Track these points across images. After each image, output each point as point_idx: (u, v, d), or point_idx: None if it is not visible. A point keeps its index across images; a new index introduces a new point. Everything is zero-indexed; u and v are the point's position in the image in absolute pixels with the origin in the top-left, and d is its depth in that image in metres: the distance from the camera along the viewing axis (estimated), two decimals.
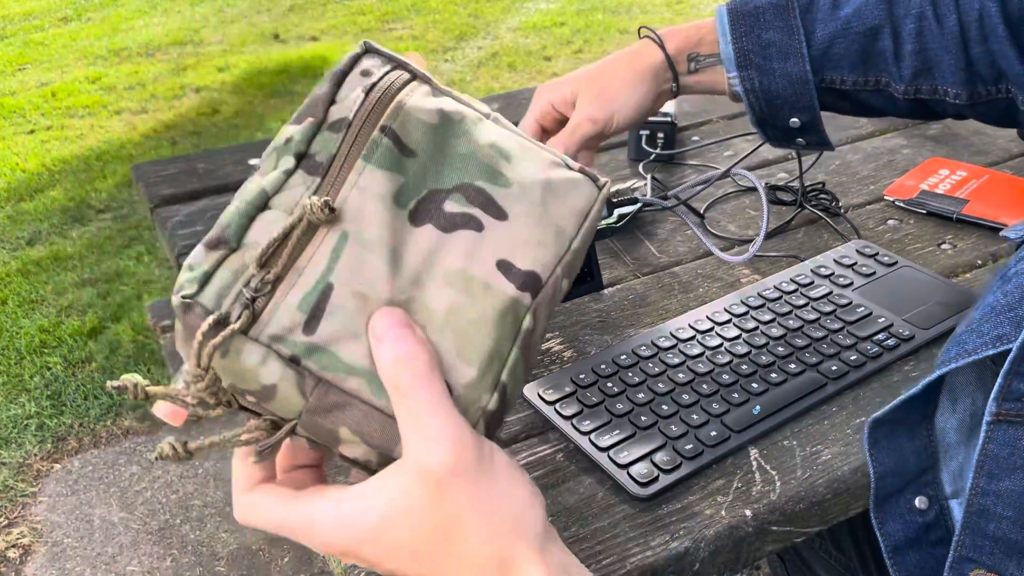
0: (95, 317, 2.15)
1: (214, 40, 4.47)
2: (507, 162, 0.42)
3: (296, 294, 0.37)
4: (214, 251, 0.38)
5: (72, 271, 2.38)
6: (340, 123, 0.40)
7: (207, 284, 0.37)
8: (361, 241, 0.38)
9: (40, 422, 1.83)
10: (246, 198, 0.39)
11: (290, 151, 0.39)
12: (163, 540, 1.56)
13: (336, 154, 0.39)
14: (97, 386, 1.93)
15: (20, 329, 2.13)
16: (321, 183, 0.39)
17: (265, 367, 0.37)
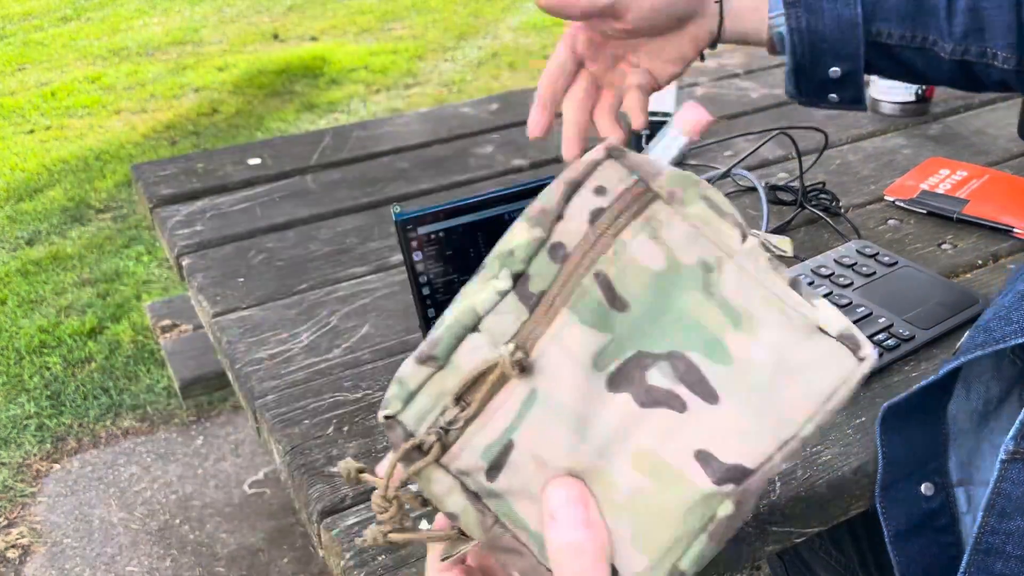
0: (95, 317, 2.15)
1: (214, 40, 4.47)
2: (735, 329, 0.36)
3: (482, 440, 0.35)
4: (422, 366, 0.36)
5: (72, 271, 2.38)
6: (559, 251, 0.36)
7: (410, 403, 0.36)
8: (549, 404, 0.35)
9: (40, 422, 1.83)
10: (459, 317, 0.36)
11: (510, 266, 0.36)
12: (163, 540, 1.56)
13: (547, 291, 0.36)
14: (97, 386, 1.93)
15: (20, 329, 2.13)
16: (528, 320, 0.36)
17: (450, 497, 0.36)
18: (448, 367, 0.36)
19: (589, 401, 0.35)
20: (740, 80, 1.30)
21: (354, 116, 3.39)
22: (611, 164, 0.37)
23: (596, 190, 0.36)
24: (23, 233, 2.59)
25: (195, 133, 3.26)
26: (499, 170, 1.04)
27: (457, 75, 3.80)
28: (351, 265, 0.85)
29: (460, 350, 0.36)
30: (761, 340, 0.36)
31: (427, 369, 0.36)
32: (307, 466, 0.60)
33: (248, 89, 3.69)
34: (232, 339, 0.74)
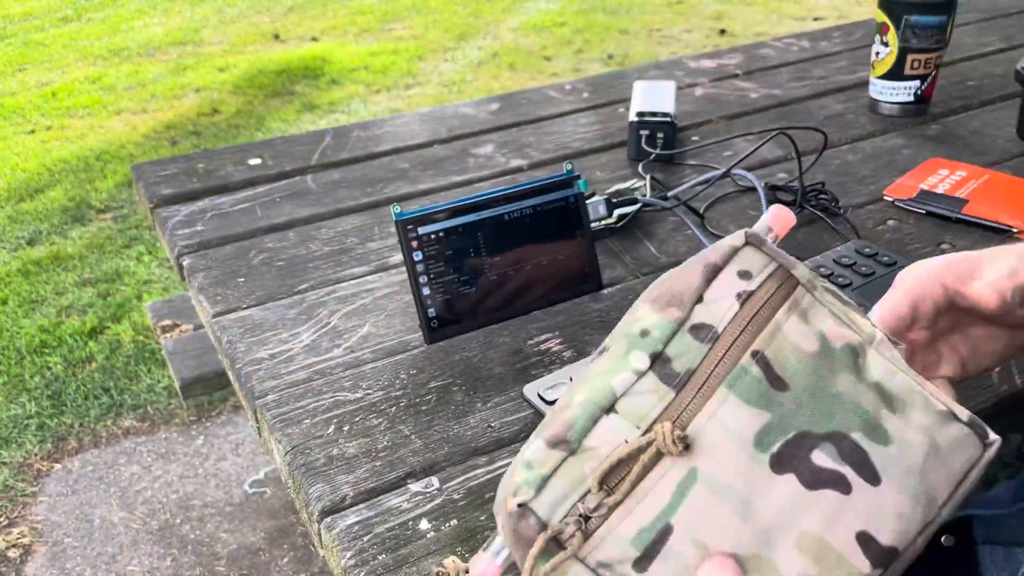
0: (95, 317, 2.15)
1: (214, 40, 4.47)
2: (890, 412, 0.36)
3: (631, 526, 0.34)
4: (554, 450, 0.35)
5: (72, 271, 2.38)
6: (706, 332, 0.36)
7: (543, 489, 0.34)
8: (711, 484, 0.34)
9: (40, 422, 1.84)
10: (593, 397, 0.35)
11: (645, 348, 0.36)
12: (163, 540, 1.56)
13: (696, 370, 0.35)
14: (97, 386, 1.93)
15: (20, 329, 2.13)
16: (674, 399, 0.35)
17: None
18: (581, 451, 0.34)
19: (752, 482, 0.34)
20: (740, 80, 1.30)
21: (354, 116, 3.39)
22: (751, 250, 0.38)
23: (740, 274, 0.37)
24: (24, 233, 2.59)
25: (196, 133, 3.26)
26: (499, 170, 1.04)
27: (457, 75, 3.80)
28: (351, 265, 0.85)
29: (594, 432, 0.35)
30: (912, 423, 0.36)
31: (559, 453, 0.34)
32: (307, 466, 0.60)
33: (249, 89, 3.69)
34: (232, 339, 0.74)
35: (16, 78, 3.98)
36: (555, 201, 0.75)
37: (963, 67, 1.32)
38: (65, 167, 3.02)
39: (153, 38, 4.51)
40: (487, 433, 0.62)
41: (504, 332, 0.73)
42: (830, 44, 1.45)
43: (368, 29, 4.56)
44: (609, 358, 0.36)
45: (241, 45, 4.36)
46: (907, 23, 1.07)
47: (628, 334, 0.37)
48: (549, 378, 0.65)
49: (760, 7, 4.63)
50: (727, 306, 0.37)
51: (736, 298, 0.37)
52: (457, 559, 0.37)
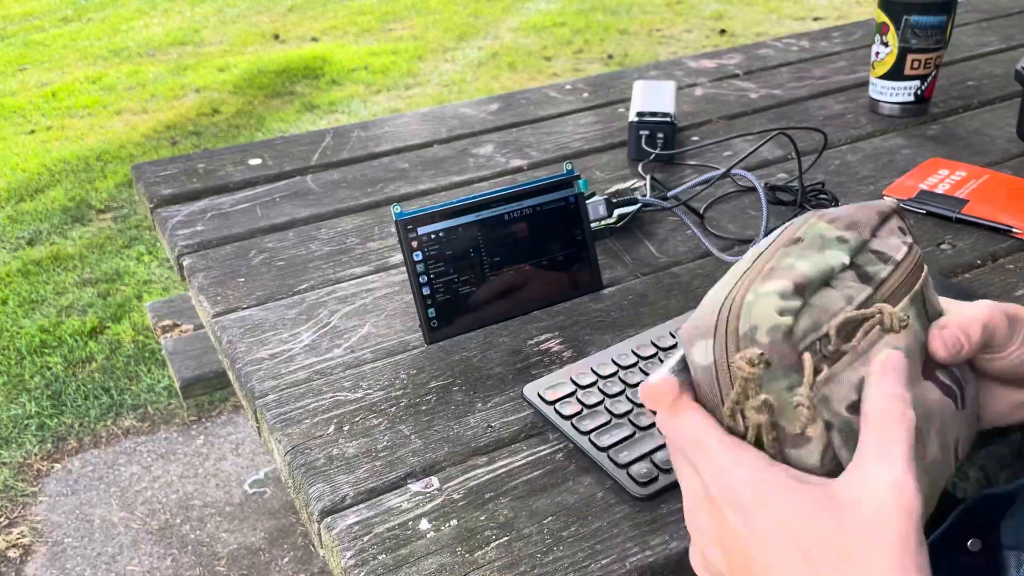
0: (95, 317, 2.15)
1: (214, 40, 4.47)
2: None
3: (854, 374, 0.40)
4: (798, 296, 0.39)
5: (72, 271, 2.38)
6: (886, 257, 0.43)
7: (797, 320, 0.39)
8: (906, 364, 0.41)
9: (40, 422, 1.84)
10: (821, 267, 0.41)
11: (844, 251, 0.42)
12: (163, 540, 1.56)
13: (886, 281, 0.42)
14: (97, 386, 1.93)
15: (20, 329, 2.13)
16: (872, 295, 0.41)
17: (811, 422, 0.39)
18: (812, 306, 0.39)
19: (914, 377, 0.42)
20: (740, 80, 1.30)
21: (354, 116, 3.39)
22: (899, 219, 0.46)
23: (900, 229, 0.45)
24: (24, 233, 2.59)
25: (196, 133, 3.26)
26: (499, 170, 1.04)
27: (457, 75, 3.80)
28: (351, 265, 0.85)
29: (821, 294, 0.40)
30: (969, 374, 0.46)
31: (799, 298, 0.39)
32: (307, 466, 0.60)
33: (249, 89, 3.69)
34: (232, 339, 0.74)
35: (16, 78, 3.98)
36: (555, 201, 0.75)
37: (963, 67, 1.32)
38: (65, 167, 3.02)
39: (153, 38, 4.51)
40: (487, 433, 0.62)
41: (504, 332, 0.73)
42: (830, 44, 1.45)
43: (368, 29, 4.56)
44: (808, 248, 0.41)
45: (241, 45, 4.36)
46: (907, 23, 1.07)
47: (823, 235, 0.42)
48: (549, 378, 0.65)
49: (760, 7, 4.63)
50: (897, 246, 0.43)
51: (904, 244, 0.44)
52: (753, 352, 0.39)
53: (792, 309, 0.39)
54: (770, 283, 0.39)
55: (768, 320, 0.38)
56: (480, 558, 0.52)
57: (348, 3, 5.04)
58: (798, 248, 0.42)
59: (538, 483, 0.58)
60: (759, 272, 0.40)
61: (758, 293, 0.39)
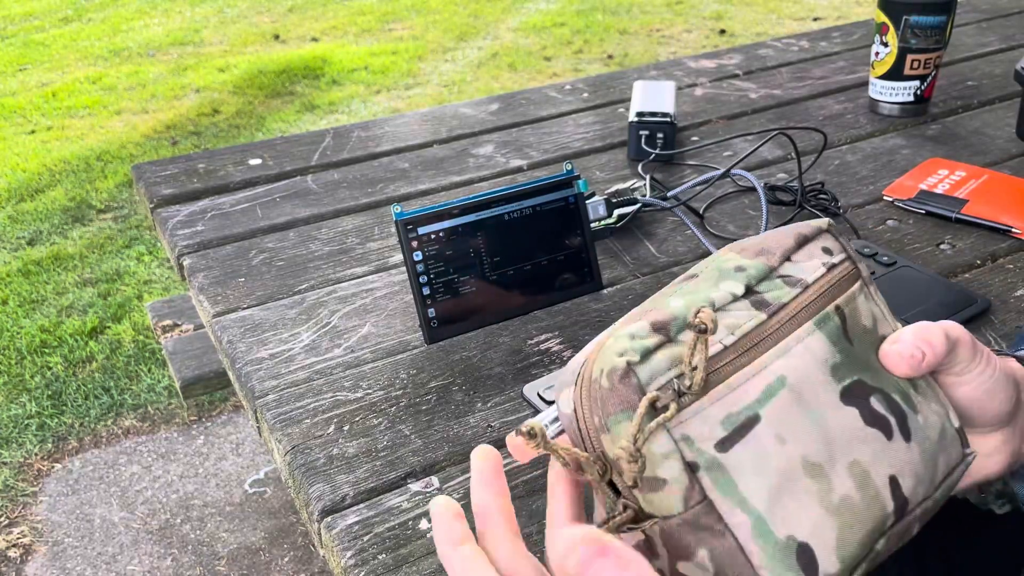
0: (95, 317, 2.15)
1: (214, 40, 4.47)
2: (915, 392, 0.43)
3: (721, 409, 0.38)
4: (656, 333, 0.38)
5: (72, 271, 2.38)
6: (795, 281, 0.42)
7: (646, 359, 0.37)
8: (796, 392, 0.39)
9: (40, 422, 1.84)
10: (696, 301, 0.40)
11: (739, 279, 0.41)
12: (163, 540, 1.56)
13: (787, 304, 0.41)
14: (98, 386, 1.93)
15: (20, 329, 2.13)
16: (766, 321, 0.40)
17: (665, 462, 0.37)
18: (677, 343, 0.38)
19: (826, 404, 0.39)
20: (739, 80, 1.30)
21: (355, 116, 3.39)
22: (829, 237, 0.44)
23: (824, 249, 0.43)
24: (24, 233, 2.60)
25: (196, 133, 3.26)
26: (499, 170, 1.04)
27: (457, 75, 3.80)
28: (351, 265, 0.85)
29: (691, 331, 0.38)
30: (931, 406, 0.43)
31: (660, 336, 0.38)
32: (307, 465, 0.60)
33: (249, 90, 3.70)
34: (233, 339, 0.74)
35: (16, 78, 3.98)
36: (555, 201, 0.75)
37: (963, 67, 1.32)
38: (65, 167, 3.02)
39: (153, 38, 4.52)
40: (487, 433, 0.62)
41: (504, 332, 0.73)
42: (830, 44, 1.45)
43: (368, 29, 4.56)
44: (701, 282, 0.41)
45: (241, 45, 4.36)
46: (907, 23, 1.07)
47: (720, 268, 0.41)
48: (549, 378, 0.65)
49: (760, 7, 4.63)
50: (814, 267, 0.42)
51: (823, 264, 0.42)
52: (534, 423, 0.39)
53: (639, 349, 0.37)
54: (631, 325, 0.38)
55: (608, 362, 0.37)
56: None
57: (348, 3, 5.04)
58: (689, 284, 0.41)
59: (538, 483, 0.58)
60: (632, 317, 0.40)
61: (616, 336, 0.38)
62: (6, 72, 4.07)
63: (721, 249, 0.44)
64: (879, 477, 0.39)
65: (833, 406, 0.39)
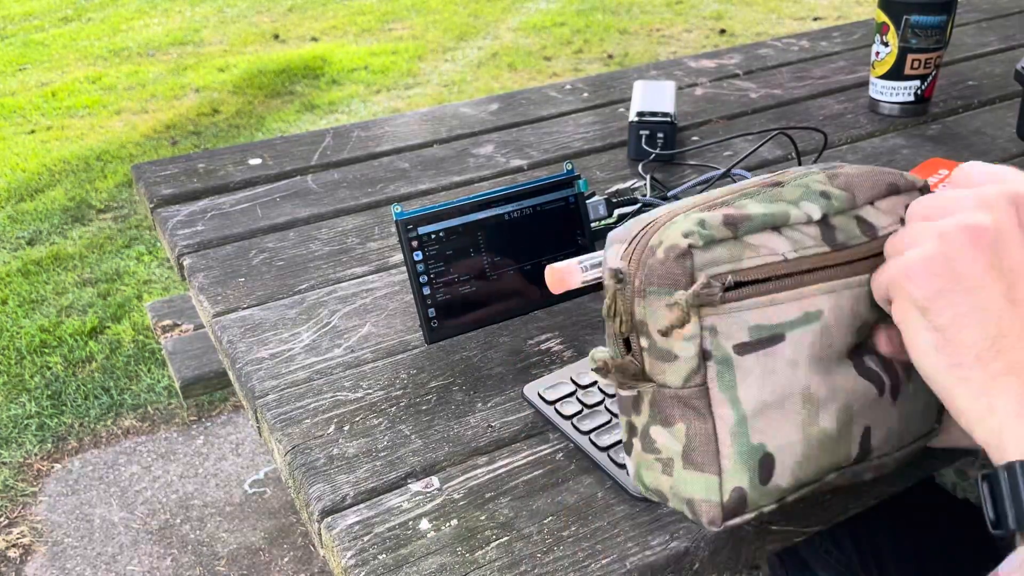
0: (95, 317, 2.15)
1: (215, 40, 4.47)
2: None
3: (756, 317, 0.40)
4: (725, 227, 0.40)
5: (72, 271, 2.38)
6: (868, 228, 0.43)
7: (709, 247, 0.39)
8: (826, 330, 0.41)
9: (40, 422, 1.84)
10: (772, 211, 0.41)
11: (820, 205, 0.42)
12: (163, 540, 1.56)
13: (851, 247, 0.42)
14: (97, 386, 1.93)
15: (20, 329, 2.13)
16: (828, 254, 0.41)
17: (685, 342, 0.39)
18: (744, 243, 0.40)
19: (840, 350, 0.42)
20: (740, 80, 1.30)
21: (354, 116, 3.39)
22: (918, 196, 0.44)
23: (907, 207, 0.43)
24: (24, 233, 2.59)
25: (196, 133, 3.26)
26: (499, 170, 1.04)
27: (457, 75, 3.80)
28: (351, 265, 0.85)
29: (761, 235, 0.40)
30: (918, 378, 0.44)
31: (728, 231, 0.40)
32: (307, 465, 0.60)
33: (249, 89, 3.69)
34: (233, 339, 0.74)
35: (16, 78, 3.98)
36: (555, 201, 0.75)
37: (963, 67, 1.32)
38: (65, 167, 3.02)
39: (153, 38, 4.51)
40: (487, 433, 0.62)
41: (504, 332, 0.73)
42: (830, 44, 1.45)
43: (368, 29, 4.56)
44: (785, 192, 0.42)
45: (241, 45, 4.36)
46: (907, 23, 1.07)
47: (807, 186, 0.42)
48: (549, 378, 0.65)
49: (760, 7, 4.63)
50: (890, 221, 0.43)
51: (899, 222, 0.43)
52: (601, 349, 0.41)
53: (705, 236, 0.39)
54: (706, 212, 0.40)
55: (671, 239, 0.39)
56: (480, 558, 0.52)
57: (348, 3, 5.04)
58: (771, 191, 0.42)
59: (538, 483, 0.58)
60: (709, 201, 0.41)
61: (687, 217, 0.40)
62: (6, 72, 4.07)
63: (816, 164, 0.44)
64: (860, 426, 0.43)
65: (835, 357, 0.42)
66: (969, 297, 0.37)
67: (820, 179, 0.43)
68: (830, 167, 0.44)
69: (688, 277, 0.39)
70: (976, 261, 0.37)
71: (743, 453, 0.41)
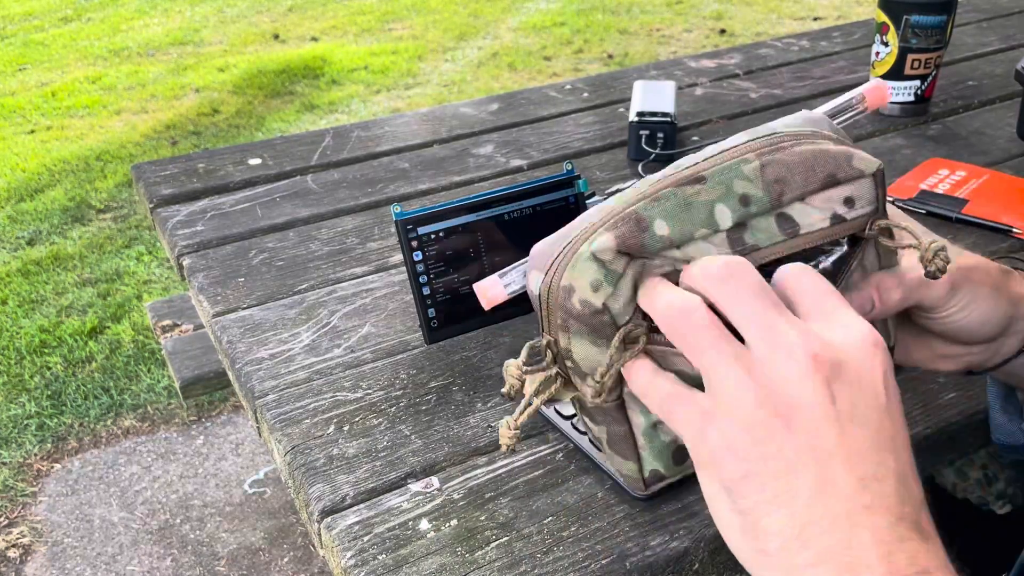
0: (95, 317, 2.15)
1: (214, 40, 4.47)
2: None
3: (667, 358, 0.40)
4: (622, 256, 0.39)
5: (73, 271, 2.38)
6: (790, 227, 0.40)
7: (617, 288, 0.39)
8: None
9: (40, 422, 1.84)
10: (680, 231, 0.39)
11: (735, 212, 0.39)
12: (163, 540, 1.56)
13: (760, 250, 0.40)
14: (97, 386, 1.93)
15: (20, 329, 2.13)
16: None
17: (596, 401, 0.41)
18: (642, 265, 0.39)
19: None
20: (740, 80, 1.30)
21: (354, 116, 3.39)
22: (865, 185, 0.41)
23: (846, 200, 0.41)
24: (24, 233, 2.59)
25: (196, 133, 3.26)
26: (499, 170, 1.04)
27: (457, 75, 3.80)
28: (351, 265, 0.85)
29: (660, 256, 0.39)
30: None
31: (624, 261, 0.39)
32: (307, 465, 0.60)
33: (249, 89, 3.69)
34: (232, 339, 0.74)
35: (16, 78, 3.98)
36: (555, 201, 0.74)
37: (963, 67, 1.32)
38: (65, 167, 3.02)
39: (153, 38, 4.51)
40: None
41: (504, 332, 0.73)
42: (830, 44, 1.45)
43: (368, 29, 4.56)
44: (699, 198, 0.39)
45: (241, 45, 4.36)
46: (907, 23, 1.07)
47: (728, 185, 0.39)
48: None
49: (760, 7, 4.63)
50: (819, 219, 0.40)
51: (830, 217, 0.40)
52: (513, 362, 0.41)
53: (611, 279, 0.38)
54: (604, 237, 0.38)
55: (582, 290, 0.39)
56: (480, 558, 0.52)
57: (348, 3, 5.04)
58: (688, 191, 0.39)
59: (538, 483, 0.58)
60: (614, 214, 0.39)
61: (592, 247, 0.39)
62: (6, 72, 4.07)
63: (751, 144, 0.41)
64: None
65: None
66: (777, 482, 0.33)
67: (748, 173, 0.40)
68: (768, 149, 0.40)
69: (610, 327, 0.39)
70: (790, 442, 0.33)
71: (656, 448, 0.45)
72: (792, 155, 0.40)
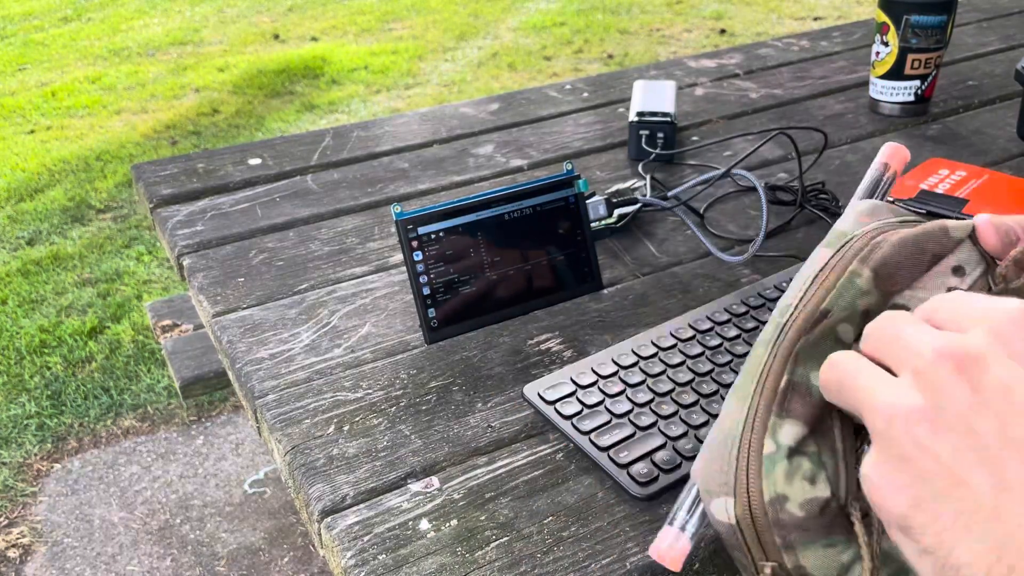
0: (95, 317, 2.15)
1: (214, 40, 4.47)
2: None
3: None
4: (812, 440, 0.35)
5: (72, 271, 2.38)
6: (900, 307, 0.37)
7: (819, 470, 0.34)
8: None
9: (40, 422, 1.84)
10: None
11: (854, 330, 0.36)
12: (163, 540, 1.56)
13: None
14: (97, 386, 1.93)
15: (20, 329, 2.13)
16: None
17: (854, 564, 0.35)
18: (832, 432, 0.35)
19: None
20: (740, 80, 1.30)
21: (354, 116, 3.39)
22: (967, 245, 0.38)
23: (955, 269, 0.37)
24: (24, 233, 2.59)
25: (195, 133, 3.26)
26: (499, 170, 1.04)
27: (457, 75, 3.80)
28: (351, 265, 0.85)
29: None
30: None
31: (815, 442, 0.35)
32: (307, 465, 0.60)
33: (248, 89, 3.69)
34: (232, 339, 0.74)
35: (16, 78, 3.98)
36: (555, 201, 0.75)
37: (963, 67, 1.32)
38: (65, 167, 3.02)
39: (153, 38, 4.51)
40: (487, 433, 0.62)
41: (504, 332, 0.73)
42: (830, 44, 1.45)
43: (368, 29, 4.56)
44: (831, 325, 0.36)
45: (241, 45, 4.36)
46: (907, 23, 1.07)
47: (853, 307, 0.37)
48: (549, 378, 0.65)
49: (760, 7, 4.63)
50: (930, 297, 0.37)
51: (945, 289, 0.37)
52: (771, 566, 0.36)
53: (824, 476, 0.34)
54: (790, 426, 0.35)
55: (799, 492, 0.34)
56: (480, 558, 0.52)
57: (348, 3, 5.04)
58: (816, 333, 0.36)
59: (538, 483, 0.58)
60: (774, 397, 0.36)
61: (786, 442, 0.35)
62: (6, 72, 4.07)
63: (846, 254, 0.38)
64: None
65: None
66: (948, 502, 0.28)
67: (863, 286, 0.37)
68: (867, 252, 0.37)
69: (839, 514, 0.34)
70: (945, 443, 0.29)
71: None
72: (893, 248, 0.37)
